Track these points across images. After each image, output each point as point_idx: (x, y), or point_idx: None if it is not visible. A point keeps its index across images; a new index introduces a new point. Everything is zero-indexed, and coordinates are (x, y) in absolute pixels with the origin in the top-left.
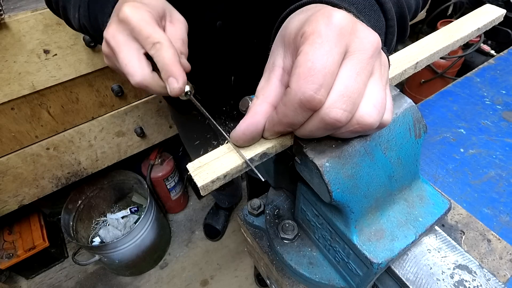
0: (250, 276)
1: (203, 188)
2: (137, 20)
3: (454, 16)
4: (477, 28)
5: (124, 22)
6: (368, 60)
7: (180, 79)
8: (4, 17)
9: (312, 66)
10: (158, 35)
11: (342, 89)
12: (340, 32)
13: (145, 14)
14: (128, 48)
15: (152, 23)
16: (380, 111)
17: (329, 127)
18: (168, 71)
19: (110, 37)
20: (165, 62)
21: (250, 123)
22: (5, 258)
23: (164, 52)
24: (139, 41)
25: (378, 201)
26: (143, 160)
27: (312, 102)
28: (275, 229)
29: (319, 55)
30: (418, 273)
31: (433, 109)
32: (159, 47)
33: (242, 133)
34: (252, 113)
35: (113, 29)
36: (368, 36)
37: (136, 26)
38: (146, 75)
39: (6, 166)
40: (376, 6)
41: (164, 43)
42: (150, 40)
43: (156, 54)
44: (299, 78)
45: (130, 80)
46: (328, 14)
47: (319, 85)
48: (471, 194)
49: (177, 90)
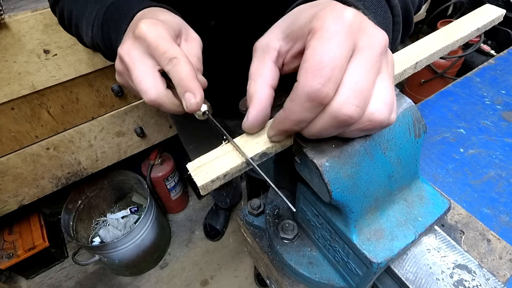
0: (250, 276)
1: (203, 188)
2: (154, 36)
3: (454, 16)
4: (477, 28)
5: (141, 38)
6: (376, 58)
7: (197, 94)
8: (4, 17)
9: (320, 60)
10: (175, 51)
11: (353, 85)
12: (348, 28)
13: (162, 30)
14: (143, 64)
15: (169, 39)
16: (390, 108)
17: (341, 124)
18: (185, 86)
19: (125, 54)
20: (182, 78)
21: (259, 110)
22: (5, 258)
23: (181, 67)
24: (155, 57)
25: (377, 201)
26: (143, 160)
27: (320, 96)
28: (275, 229)
29: (327, 50)
30: (417, 273)
31: (433, 109)
32: (176, 62)
33: (254, 121)
34: (257, 100)
35: (128, 46)
36: (377, 34)
37: (153, 42)
38: (161, 92)
39: (6, 166)
40: (383, 2)
41: (182, 59)
42: (167, 56)
43: (173, 69)
44: (306, 72)
45: (144, 98)
46: (336, 10)
47: (327, 79)
48: (471, 194)
49: (194, 106)
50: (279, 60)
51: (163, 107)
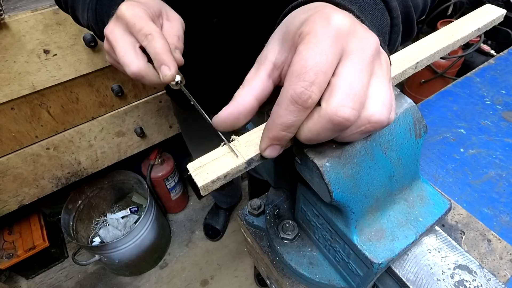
0: (250, 276)
1: (203, 188)
2: (131, 15)
3: (454, 16)
4: (477, 28)
5: (120, 18)
6: (368, 60)
7: (172, 67)
8: (4, 17)
9: (304, 65)
10: (150, 27)
11: (346, 87)
12: (336, 33)
13: (139, 10)
14: (124, 41)
15: (145, 17)
16: (388, 108)
17: (338, 128)
18: (159, 60)
19: (109, 33)
20: (157, 52)
21: (231, 112)
22: (5, 258)
23: (156, 42)
24: (134, 34)
25: (378, 201)
26: (143, 160)
27: (302, 98)
28: (275, 229)
29: (312, 54)
30: (418, 273)
31: (433, 109)
32: (150, 39)
33: (223, 121)
34: (235, 103)
35: (111, 26)
36: (367, 37)
37: (130, 21)
38: (142, 65)
39: (6, 166)
40: (381, 5)
41: (156, 35)
42: (143, 32)
43: (149, 45)
44: (291, 76)
45: (127, 71)
46: (326, 15)
47: (310, 82)
48: (471, 194)
49: (169, 77)
50: (274, 72)
51: (145, 79)
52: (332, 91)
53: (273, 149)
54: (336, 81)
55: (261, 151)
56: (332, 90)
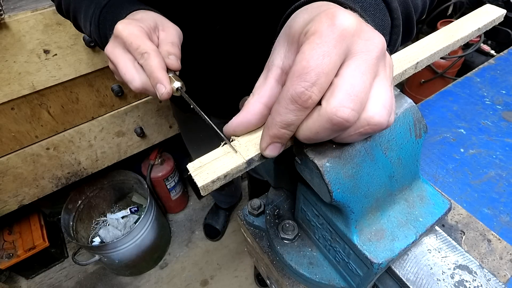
0: (250, 276)
1: (203, 188)
2: (127, 34)
3: (454, 16)
4: (478, 28)
5: (118, 37)
6: (373, 61)
7: (166, 84)
8: (4, 17)
9: (306, 65)
10: (146, 46)
11: (348, 88)
12: (341, 33)
13: (135, 28)
14: (124, 59)
15: (140, 35)
16: (388, 111)
17: (337, 128)
18: (154, 78)
19: (110, 53)
20: (152, 70)
21: (241, 121)
22: (5, 258)
23: (151, 61)
24: (131, 52)
25: (378, 201)
26: (143, 160)
27: (302, 98)
28: (275, 229)
29: (315, 55)
30: (418, 273)
31: (433, 109)
32: (146, 57)
33: (233, 130)
34: (245, 112)
35: (110, 46)
36: (373, 38)
37: (127, 40)
38: (144, 80)
39: (6, 166)
40: (382, 5)
41: (151, 53)
42: (139, 51)
43: (145, 63)
44: (293, 75)
45: (131, 87)
46: (332, 15)
47: (311, 83)
48: (471, 194)
49: (165, 95)
50: (282, 77)
51: (150, 92)
52: (334, 91)
53: (273, 148)
54: (338, 82)
55: (262, 150)
56: (333, 90)
